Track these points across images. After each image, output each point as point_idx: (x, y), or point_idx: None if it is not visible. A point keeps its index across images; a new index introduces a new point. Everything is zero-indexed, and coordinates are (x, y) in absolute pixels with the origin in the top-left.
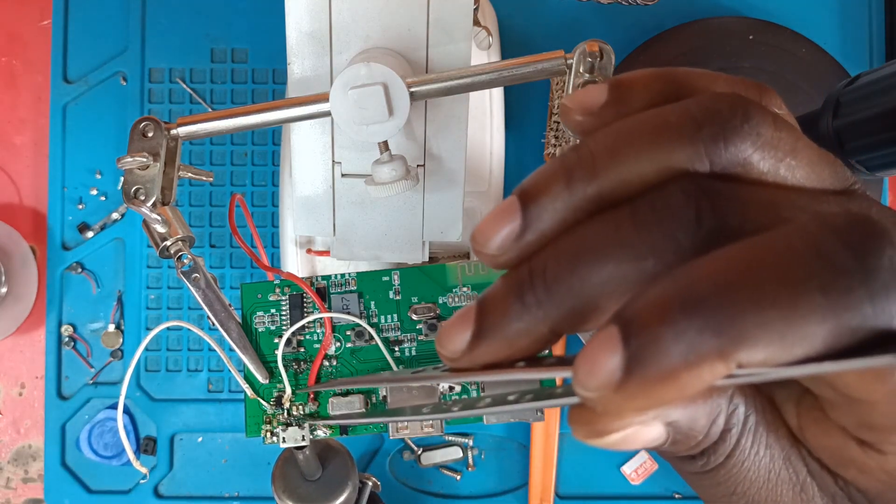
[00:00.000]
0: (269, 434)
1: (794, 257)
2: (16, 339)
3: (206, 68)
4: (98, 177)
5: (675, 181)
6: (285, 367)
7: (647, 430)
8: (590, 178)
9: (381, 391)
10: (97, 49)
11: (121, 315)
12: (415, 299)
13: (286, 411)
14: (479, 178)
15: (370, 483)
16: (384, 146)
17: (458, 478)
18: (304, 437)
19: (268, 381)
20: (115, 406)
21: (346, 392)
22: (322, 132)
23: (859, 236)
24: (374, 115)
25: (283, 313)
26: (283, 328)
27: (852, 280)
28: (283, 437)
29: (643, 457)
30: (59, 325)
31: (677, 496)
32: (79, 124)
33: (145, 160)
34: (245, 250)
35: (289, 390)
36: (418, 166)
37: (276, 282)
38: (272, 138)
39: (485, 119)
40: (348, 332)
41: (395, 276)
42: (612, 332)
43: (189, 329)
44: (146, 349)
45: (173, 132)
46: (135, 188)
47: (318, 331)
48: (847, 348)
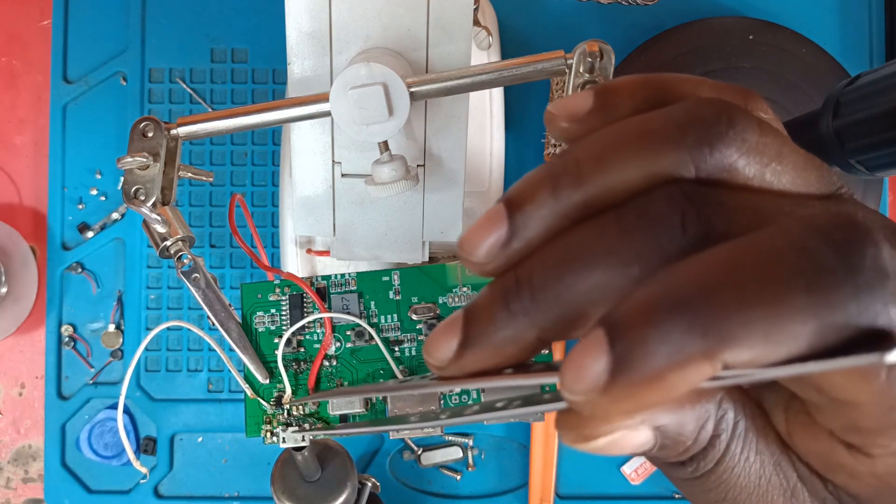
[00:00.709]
0: (269, 434)
1: (778, 257)
2: (16, 339)
3: (206, 68)
4: (98, 177)
5: (661, 187)
6: (285, 367)
7: (634, 435)
8: (575, 185)
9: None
10: (97, 49)
11: (121, 315)
12: (415, 299)
13: (286, 411)
14: (479, 178)
15: (369, 484)
16: (384, 146)
17: (458, 478)
18: (304, 437)
19: (268, 381)
20: (115, 406)
21: None
22: (322, 132)
23: (843, 235)
24: (374, 115)
25: (283, 313)
26: (283, 328)
27: (836, 279)
28: (283, 438)
29: (643, 457)
30: (59, 325)
31: (677, 496)
32: (79, 124)
33: (145, 160)
34: (245, 250)
35: (289, 390)
36: (418, 166)
37: (276, 282)
38: (272, 138)
39: (485, 119)
40: (348, 332)
41: (395, 276)
42: (598, 336)
43: (189, 329)
44: (146, 349)
45: (173, 132)
46: (135, 188)
47: (318, 331)
48: (832, 348)
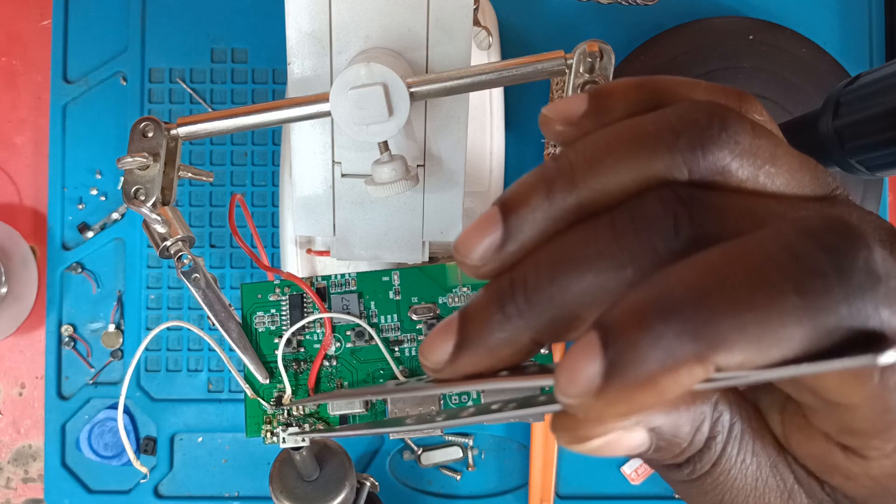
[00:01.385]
0: (269, 434)
1: (770, 260)
2: (16, 339)
3: (206, 68)
4: (98, 177)
5: (654, 190)
6: (285, 367)
7: (629, 437)
8: (569, 188)
9: None
10: (97, 49)
11: (121, 315)
12: (415, 299)
13: (286, 411)
14: (478, 178)
15: (368, 483)
16: (384, 146)
17: (458, 478)
18: (304, 438)
19: (268, 381)
20: (115, 406)
21: None
22: (322, 132)
23: (834, 238)
24: (374, 115)
25: (283, 313)
26: (283, 328)
27: (827, 281)
28: (284, 438)
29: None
30: (59, 325)
31: (677, 497)
32: (79, 124)
33: (145, 160)
34: (245, 250)
35: (289, 390)
36: (418, 166)
37: (276, 282)
38: (272, 138)
39: (485, 119)
40: (348, 333)
41: (395, 277)
42: (591, 339)
43: (189, 329)
44: (146, 349)
45: (173, 132)
46: (135, 188)
47: (318, 331)
48: (824, 350)
